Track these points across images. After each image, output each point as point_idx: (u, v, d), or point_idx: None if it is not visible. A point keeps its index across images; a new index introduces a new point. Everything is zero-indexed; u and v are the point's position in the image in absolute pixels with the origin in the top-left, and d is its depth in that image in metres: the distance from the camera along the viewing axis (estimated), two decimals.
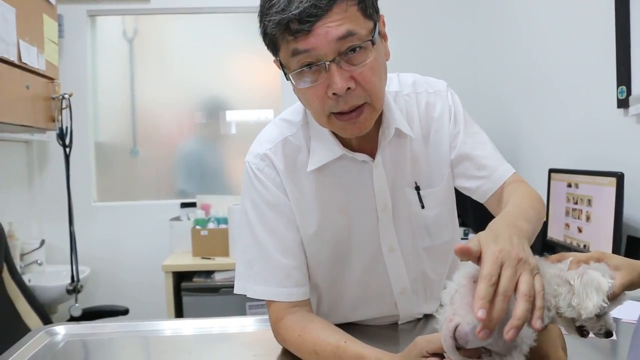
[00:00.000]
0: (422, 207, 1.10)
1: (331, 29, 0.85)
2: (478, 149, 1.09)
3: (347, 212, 1.08)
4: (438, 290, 1.18)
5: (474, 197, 1.12)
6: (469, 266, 0.74)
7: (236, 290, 1.09)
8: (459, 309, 0.71)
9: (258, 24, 0.93)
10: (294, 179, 1.07)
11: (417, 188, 1.10)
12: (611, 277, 0.78)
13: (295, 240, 1.08)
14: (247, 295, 1.07)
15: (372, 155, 1.06)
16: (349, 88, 0.89)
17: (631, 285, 0.81)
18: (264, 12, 0.90)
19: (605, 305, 0.74)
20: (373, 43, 0.90)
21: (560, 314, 0.77)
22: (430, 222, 1.12)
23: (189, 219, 3.34)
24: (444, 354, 0.75)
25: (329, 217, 1.08)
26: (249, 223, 1.08)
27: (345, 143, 1.04)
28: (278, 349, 1.08)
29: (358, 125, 0.95)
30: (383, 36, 0.96)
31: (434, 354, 0.77)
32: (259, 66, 3.54)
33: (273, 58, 0.97)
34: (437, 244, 1.15)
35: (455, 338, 0.69)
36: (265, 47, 0.96)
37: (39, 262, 3.06)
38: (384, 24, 0.96)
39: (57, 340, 1.20)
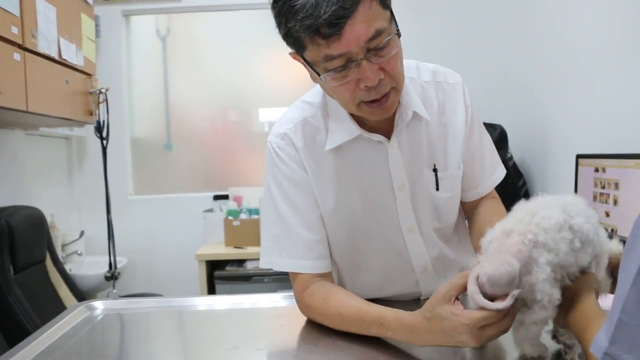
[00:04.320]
0: (437, 189, 1.14)
1: (361, 30, 0.88)
2: (479, 155, 1.20)
3: (364, 191, 1.12)
4: (458, 268, 1.22)
5: None
6: (508, 219, 0.81)
7: (261, 265, 1.14)
8: (484, 260, 0.78)
9: (276, 23, 0.94)
10: (313, 157, 1.11)
11: (435, 170, 1.14)
12: None
13: (316, 215, 1.12)
14: (273, 269, 1.13)
15: (388, 136, 1.09)
16: (379, 79, 0.93)
17: None
18: (284, 14, 0.91)
19: None
20: (399, 36, 0.94)
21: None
22: (441, 205, 1.16)
23: (221, 210, 3.42)
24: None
25: (346, 195, 1.11)
26: (273, 199, 1.13)
27: (362, 123, 1.08)
28: (304, 319, 1.13)
29: (387, 109, 1.00)
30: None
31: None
32: (290, 63, 3.55)
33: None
34: (442, 227, 1.19)
35: (478, 285, 0.76)
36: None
37: (78, 252, 3.19)
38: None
39: (96, 314, 1.27)
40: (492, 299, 0.77)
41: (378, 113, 1.00)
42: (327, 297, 1.05)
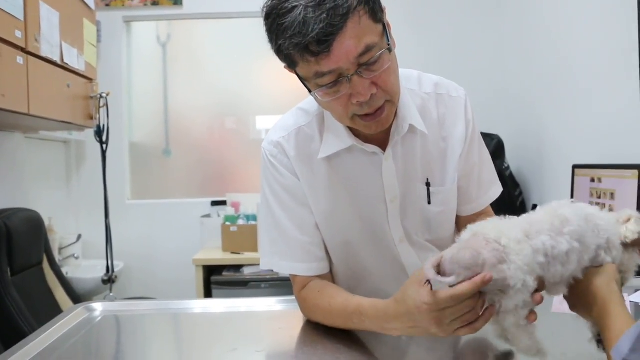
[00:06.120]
0: (429, 202, 1.14)
1: (350, 47, 0.87)
2: (477, 171, 1.18)
3: (356, 201, 1.13)
4: None
5: None
6: (478, 225, 0.85)
7: (262, 266, 1.16)
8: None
9: (268, 38, 0.94)
10: (306, 165, 1.12)
11: (428, 184, 1.14)
12: None
13: (310, 220, 1.13)
14: (273, 270, 1.15)
15: (383, 147, 1.09)
16: (372, 94, 0.94)
17: None
18: (274, 32, 0.91)
19: None
20: (390, 50, 0.94)
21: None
22: (433, 218, 1.16)
23: (219, 216, 3.43)
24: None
25: (338, 204, 1.12)
26: (268, 203, 1.14)
27: (357, 134, 1.08)
28: (302, 322, 1.14)
29: (381, 122, 1.00)
30: (388, 26, 0.96)
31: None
32: (287, 71, 3.57)
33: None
34: (434, 239, 1.19)
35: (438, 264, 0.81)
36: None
37: (75, 255, 3.18)
38: (385, 13, 0.96)
39: (95, 316, 1.27)
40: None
41: (373, 126, 1.00)
42: (321, 290, 1.08)
